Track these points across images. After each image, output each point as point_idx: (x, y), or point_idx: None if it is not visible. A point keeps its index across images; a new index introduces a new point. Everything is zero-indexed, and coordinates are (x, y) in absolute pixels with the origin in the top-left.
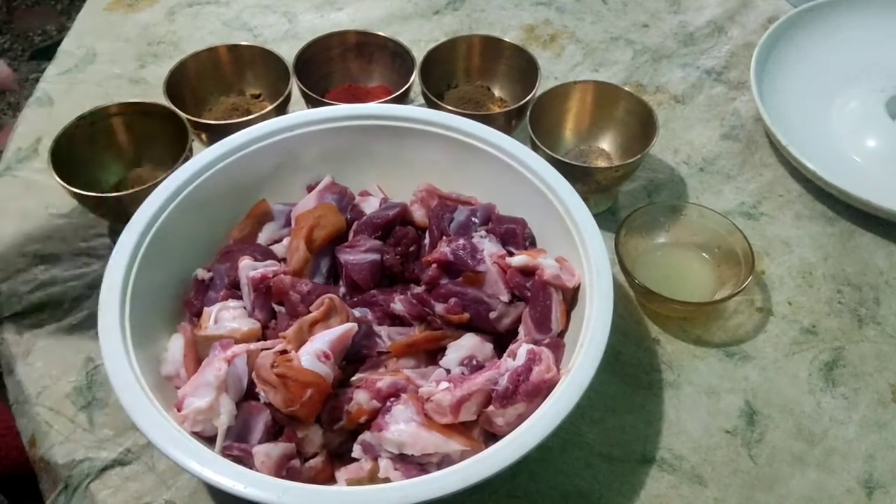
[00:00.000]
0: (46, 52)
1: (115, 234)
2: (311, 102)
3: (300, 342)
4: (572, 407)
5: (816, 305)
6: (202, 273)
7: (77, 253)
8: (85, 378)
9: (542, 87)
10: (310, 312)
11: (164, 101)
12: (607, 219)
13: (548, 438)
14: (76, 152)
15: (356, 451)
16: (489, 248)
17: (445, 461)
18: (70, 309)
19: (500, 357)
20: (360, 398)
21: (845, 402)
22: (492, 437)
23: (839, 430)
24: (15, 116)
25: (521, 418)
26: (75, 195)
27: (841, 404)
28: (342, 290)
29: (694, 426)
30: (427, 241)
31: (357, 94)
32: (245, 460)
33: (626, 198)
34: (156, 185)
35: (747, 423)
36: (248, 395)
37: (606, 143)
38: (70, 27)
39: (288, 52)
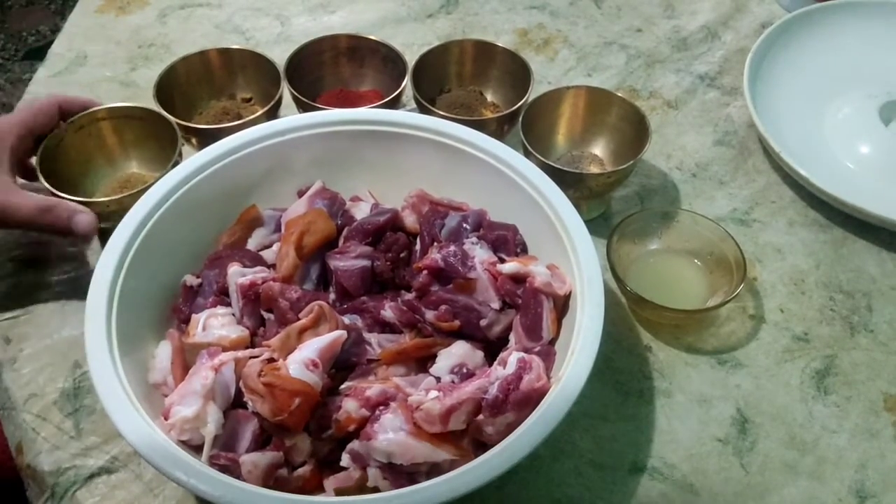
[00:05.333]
0: (40, 53)
1: (103, 238)
2: (303, 107)
3: (288, 350)
4: (562, 416)
5: (809, 313)
6: (191, 279)
7: (65, 258)
8: (72, 385)
9: (535, 91)
10: (299, 319)
11: (154, 104)
12: (600, 225)
13: (538, 448)
14: (65, 156)
15: (345, 459)
16: (480, 254)
17: (434, 470)
18: (57, 314)
19: (490, 365)
20: (349, 407)
21: (837, 411)
22: (481, 445)
23: (831, 438)
24: None
25: (511, 427)
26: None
27: (833, 413)
28: (332, 296)
29: (685, 434)
30: (418, 247)
31: (348, 99)
32: (232, 469)
33: (619, 203)
34: (145, 189)
35: (739, 431)
36: (235, 403)
37: (599, 149)
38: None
39: (280, 56)
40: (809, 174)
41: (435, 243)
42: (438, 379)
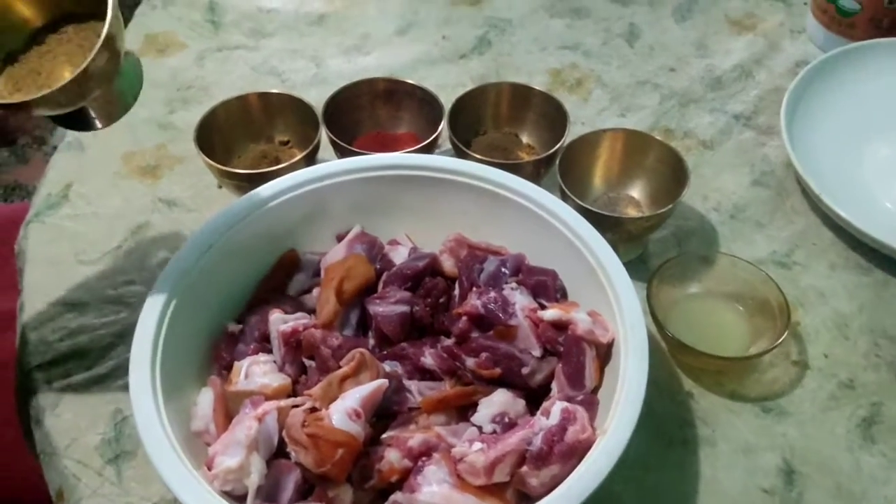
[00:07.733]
0: None
1: (144, 282)
2: (340, 151)
3: (330, 398)
4: (609, 470)
5: (853, 358)
6: (232, 326)
7: (106, 301)
8: (113, 430)
9: (570, 132)
10: (340, 367)
11: (193, 146)
12: (637, 267)
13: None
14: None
15: None
16: (520, 300)
17: None
18: (98, 358)
19: (532, 414)
20: (392, 457)
21: (884, 461)
22: (524, 497)
23: (879, 489)
24: (40, 149)
25: (556, 479)
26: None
27: (880, 462)
28: (371, 342)
29: (731, 484)
30: (457, 291)
31: (385, 142)
32: None
33: (656, 245)
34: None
35: (785, 482)
36: (278, 452)
37: (636, 191)
38: None
39: (316, 97)
40: (850, 216)
41: (474, 288)
42: (480, 428)
